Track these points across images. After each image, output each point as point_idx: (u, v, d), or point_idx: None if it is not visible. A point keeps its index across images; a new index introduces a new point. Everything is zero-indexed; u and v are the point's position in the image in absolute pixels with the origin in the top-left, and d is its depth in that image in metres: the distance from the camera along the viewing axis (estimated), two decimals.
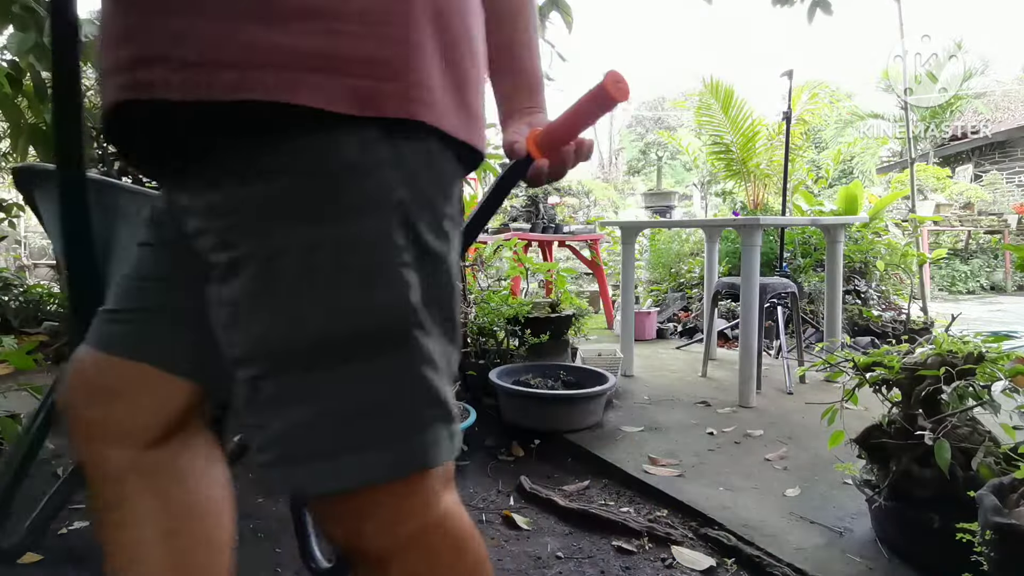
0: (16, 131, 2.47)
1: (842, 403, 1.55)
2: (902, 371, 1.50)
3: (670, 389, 2.99)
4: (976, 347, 1.45)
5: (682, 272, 5.53)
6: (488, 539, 1.64)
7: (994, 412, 1.38)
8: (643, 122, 22.19)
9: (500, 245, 3.41)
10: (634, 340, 3.33)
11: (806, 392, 2.93)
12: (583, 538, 1.65)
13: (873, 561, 1.45)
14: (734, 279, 2.93)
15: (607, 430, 2.38)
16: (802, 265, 4.61)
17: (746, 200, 5.94)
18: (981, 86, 12.46)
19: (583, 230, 5.49)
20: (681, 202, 9.14)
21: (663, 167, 11.99)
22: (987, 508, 1.13)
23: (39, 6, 2.32)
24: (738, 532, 1.59)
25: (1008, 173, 10.85)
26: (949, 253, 7.97)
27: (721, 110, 5.59)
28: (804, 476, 1.94)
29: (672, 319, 5.00)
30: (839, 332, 3.24)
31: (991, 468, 1.31)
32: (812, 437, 2.27)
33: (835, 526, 1.61)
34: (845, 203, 4.83)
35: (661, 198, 6.78)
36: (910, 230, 4.60)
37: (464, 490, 1.96)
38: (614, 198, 11.70)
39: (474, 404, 2.43)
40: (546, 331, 2.83)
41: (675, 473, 1.97)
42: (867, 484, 1.53)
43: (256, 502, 1.82)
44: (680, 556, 1.53)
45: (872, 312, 4.17)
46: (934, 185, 8.97)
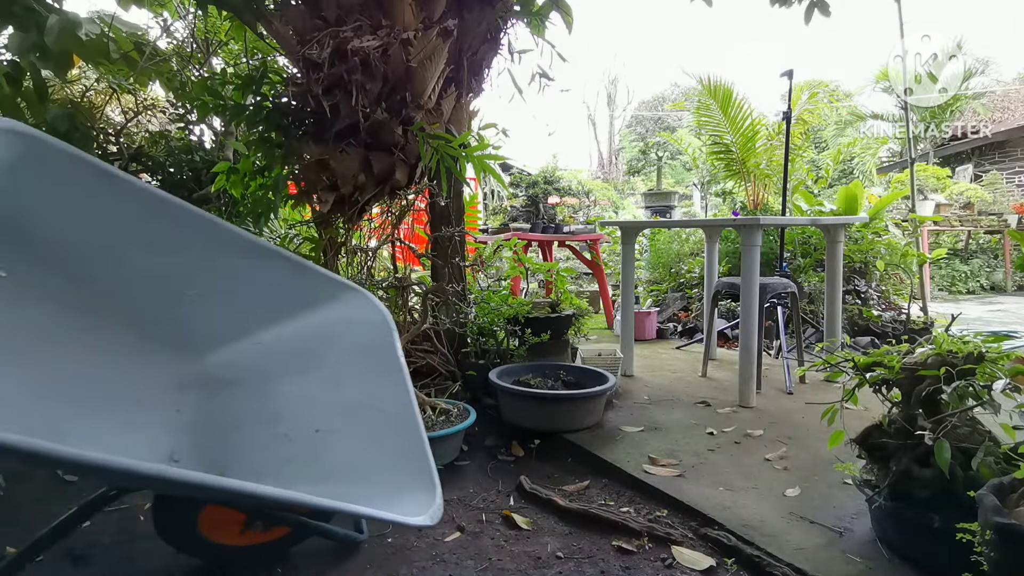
0: None
1: (842, 403, 1.55)
2: (902, 371, 1.50)
3: (670, 389, 2.99)
4: (976, 347, 1.45)
5: (682, 272, 5.53)
6: (488, 539, 1.64)
7: (994, 412, 1.37)
8: (643, 122, 22.18)
9: (500, 245, 3.41)
10: (634, 340, 3.33)
11: (806, 392, 2.93)
12: (583, 538, 1.65)
13: (873, 561, 1.45)
14: (734, 279, 2.93)
15: (607, 430, 2.38)
16: (802, 265, 4.61)
17: (746, 200, 5.94)
18: (981, 86, 12.46)
19: (583, 230, 5.49)
20: (681, 202, 9.13)
21: (663, 167, 11.99)
22: (987, 508, 1.13)
23: (39, 6, 2.32)
24: (738, 532, 1.59)
25: (1008, 173, 10.84)
26: (949, 253, 7.97)
27: (720, 110, 5.59)
28: (804, 476, 1.94)
29: (672, 319, 5.00)
30: (839, 332, 3.24)
31: (991, 468, 1.31)
32: (812, 437, 2.27)
33: (835, 526, 1.61)
34: (845, 203, 4.83)
35: (661, 198, 6.78)
36: (910, 230, 4.60)
37: (464, 490, 1.96)
38: (614, 198, 11.69)
39: (474, 404, 2.43)
40: (546, 331, 2.83)
41: (675, 473, 1.97)
42: (867, 484, 1.53)
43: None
44: (680, 556, 1.53)
45: (872, 312, 4.17)
46: (934, 185, 8.97)
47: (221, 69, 3.48)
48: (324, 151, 2.33)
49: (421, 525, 1.04)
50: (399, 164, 2.38)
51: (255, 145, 2.51)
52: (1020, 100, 13.16)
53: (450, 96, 2.48)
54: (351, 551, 1.54)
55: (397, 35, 2.24)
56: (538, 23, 2.87)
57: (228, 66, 3.56)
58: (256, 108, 2.40)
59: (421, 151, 2.32)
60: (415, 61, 2.27)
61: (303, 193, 2.51)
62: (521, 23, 2.82)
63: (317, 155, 2.35)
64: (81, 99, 3.51)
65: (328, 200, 2.35)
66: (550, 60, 2.93)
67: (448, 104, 2.47)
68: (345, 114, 2.24)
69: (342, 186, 2.33)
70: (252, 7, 2.48)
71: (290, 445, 1.25)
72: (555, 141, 43.43)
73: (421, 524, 1.04)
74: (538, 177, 7.95)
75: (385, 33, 2.23)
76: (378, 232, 2.87)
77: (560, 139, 49.74)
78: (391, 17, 2.28)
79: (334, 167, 2.31)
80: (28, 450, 0.70)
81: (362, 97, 2.21)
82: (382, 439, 1.25)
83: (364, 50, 2.17)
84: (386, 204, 2.74)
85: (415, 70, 2.28)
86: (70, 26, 2.38)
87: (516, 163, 9.64)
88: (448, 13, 2.45)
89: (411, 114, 2.33)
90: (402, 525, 1.08)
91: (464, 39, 2.56)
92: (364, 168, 2.34)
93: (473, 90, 2.68)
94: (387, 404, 1.29)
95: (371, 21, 2.27)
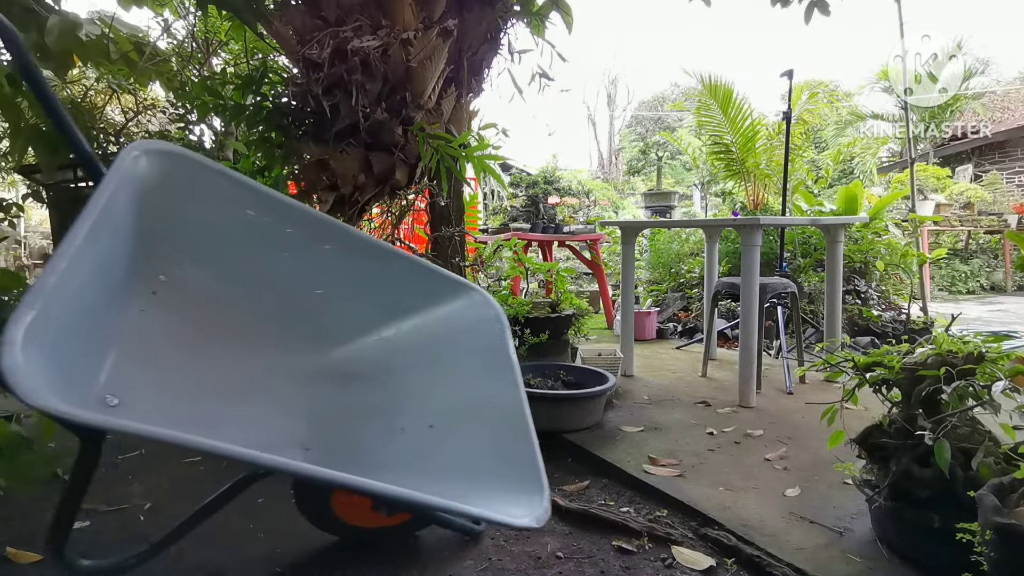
0: (16, 131, 2.47)
1: (842, 403, 1.55)
2: (902, 371, 1.50)
3: (670, 389, 2.99)
4: (976, 347, 1.45)
5: (682, 272, 5.53)
6: (488, 539, 1.64)
7: (994, 412, 1.37)
8: (643, 122, 22.19)
9: (500, 245, 3.41)
10: (634, 340, 3.33)
11: (806, 392, 2.93)
12: (583, 538, 1.65)
13: (873, 561, 1.44)
14: (734, 279, 2.93)
15: (607, 430, 2.38)
16: (802, 265, 4.61)
17: (746, 200, 5.94)
18: (981, 86, 12.47)
19: (583, 230, 5.49)
20: (681, 202, 9.13)
21: (663, 167, 11.99)
22: (987, 508, 1.13)
23: (39, 7, 2.32)
24: (738, 532, 1.59)
25: (1008, 173, 10.84)
26: (949, 253, 7.97)
27: (720, 110, 5.59)
28: (804, 476, 1.94)
29: (672, 319, 5.00)
30: (839, 332, 3.24)
31: (991, 468, 1.31)
32: (812, 437, 2.27)
33: (835, 526, 1.61)
34: (845, 203, 4.83)
35: (661, 198, 6.79)
36: (910, 230, 4.61)
37: None
38: (614, 198, 11.69)
39: None
40: (546, 331, 2.83)
41: (675, 473, 1.97)
42: (867, 484, 1.53)
43: (256, 502, 1.82)
44: (680, 556, 1.53)
45: (872, 312, 4.17)
46: (934, 185, 8.97)
47: (221, 69, 3.49)
48: (324, 151, 2.33)
49: (527, 527, 1.06)
50: (399, 164, 2.38)
51: (255, 145, 2.51)
52: (1020, 100, 13.17)
53: (450, 96, 2.49)
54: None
55: (397, 35, 2.24)
56: (538, 23, 2.87)
57: (228, 66, 3.57)
58: (256, 108, 2.40)
59: (421, 151, 2.32)
60: (415, 61, 2.27)
61: (303, 193, 2.51)
62: (521, 23, 2.82)
63: (317, 155, 2.35)
64: (81, 99, 3.51)
65: (328, 200, 2.35)
66: (550, 60, 2.93)
67: (448, 104, 2.47)
68: (345, 114, 2.24)
69: (342, 186, 2.33)
70: (252, 7, 2.48)
71: (406, 440, 1.30)
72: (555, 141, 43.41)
73: (527, 526, 1.07)
74: (538, 177, 7.94)
75: (385, 33, 2.23)
76: (378, 232, 2.88)
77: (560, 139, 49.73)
78: (391, 17, 2.28)
79: (334, 167, 2.31)
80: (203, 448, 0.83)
81: (362, 97, 2.21)
82: (493, 437, 1.28)
83: (364, 50, 2.17)
84: (386, 204, 2.74)
85: (415, 70, 2.28)
86: (70, 27, 2.38)
87: (516, 163, 9.64)
88: (448, 13, 2.45)
89: (411, 114, 2.33)
90: (508, 526, 1.10)
91: (464, 39, 2.56)
92: (364, 168, 2.34)
93: (473, 90, 2.68)
94: (499, 401, 1.33)
95: (371, 21, 2.27)
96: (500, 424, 1.28)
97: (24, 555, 1.53)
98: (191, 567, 1.52)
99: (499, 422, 1.29)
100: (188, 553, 1.58)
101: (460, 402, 1.37)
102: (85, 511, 1.77)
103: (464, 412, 1.35)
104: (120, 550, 1.60)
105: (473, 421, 1.33)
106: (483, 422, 1.31)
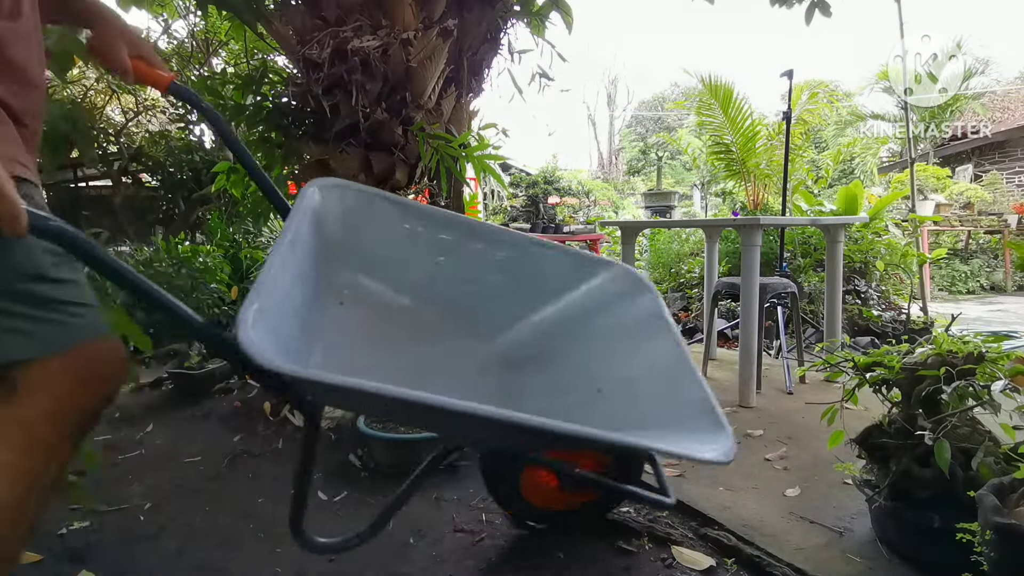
0: None
1: (842, 403, 1.55)
2: (902, 371, 1.50)
3: None
4: (976, 347, 1.45)
5: (682, 272, 5.53)
6: (488, 539, 1.64)
7: (994, 412, 1.37)
8: (643, 122, 22.21)
9: None
10: None
11: (806, 392, 2.92)
12: (583, 538, 1.65)
13: (873, 561, 1.45)
14: (734, 279, 2.93)
15: None
16: (802, 265, 4.61)
17: (746, 200, 5.94)
18: (981, 86, 12.47)
19: (583, 230, 5.50)
20: (681, 202, 9.14)
21: (663, 167, 12.00)
22: (987, 508, 1.13)
23: None
24: (738, 532, 1.59)
25: (1008, 173, 10.84)
26: (949, 253, 7.97)
27: (720, 110, 5.59)
28: (804, 476, 1.94)
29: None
30: (839, 332, 3.24)
31: (991, 468, 1.31)
32: (812, 437, 2.27)
33: (835, 526, 1.61)
34: (845, 203, 4.83)
35: (661, 198, 6.80)
36: (910, 230, 4.61)
37: (464, 490, 1.96)
38: (614, 198, 11.69)
39: None
40: None
41: (675, 473, 1.97)
42: (867, 484, 1.53)
43: (256, 502, 1.83)
44: (680, 556, 1.53)
45: (872, 312, 4.17)
46: (934, 185, 8.97)
47: (221, 69, 3.49)
48: (324, 151, 2.33)
49: (717, 461, 1.11)
50: (399, 164, 2.38)
51: (255, 145, 2.51)
52: (1020, 100, 13.17)
53: (450, 96, 2.49)
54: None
55: (397, 35, 2.24)
56: (538, 23, 2.87)
57: (228, 66, 3.57)
58: (256, 108, 2.40)
59: (421, 151, 2.32)
60: (415, 61, 2.27)
61: None
62: (521, 23, 2.82)
63: (317, 155, 2.35)
64: (82, 99, 3.51)
65: None
66: (550, 60, 2.94)
67: (448, 104, 2.47)
68: (345, 114, 2.24)
69: None
70: (252, 7, 2.48)
71: (581, 410, 1.38)
72: (555, 141, 43.42)
73: (716, 460, 1.11)
74: (538, 177, 7.94)
75: (385, 33, 2.23)
76: None
77: (560, 139, 49.77)
78: (391, 17, 2.28)
79: (334, 167, 2.31)
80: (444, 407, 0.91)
81: (362, 97, 2.21)
82: (667, 392, 1.35)
83: (364, 50, 2.17)
84: None
85: (415, 70, 2.28)
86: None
87: (516, 163, 9.65)
88: (448, 13, 2.45)
89: (411, 114, 2.33)
90: (699, 461, 1.13)
91: (464, 39, 2.56)
92: (364, 168, 2.34)
93: (473, 90, 2.68)
94: (660, 358, 1.40)
95: (371, 21, 2.27)
96: (670, 380, 1.36)
97: (24, 555, 1.53)
98: (191, 567, 1.52)
99: (669, 378, 1.36)
100: (188, 553, 1.58)
101: (625, 366, 1.46)
102: (85, 511, 1.78)
103: (632, 373, 1.44)
104: (120, 550, 1.60)
105: (642, 379, 1.41)
106: (654, 381, 1.39)
